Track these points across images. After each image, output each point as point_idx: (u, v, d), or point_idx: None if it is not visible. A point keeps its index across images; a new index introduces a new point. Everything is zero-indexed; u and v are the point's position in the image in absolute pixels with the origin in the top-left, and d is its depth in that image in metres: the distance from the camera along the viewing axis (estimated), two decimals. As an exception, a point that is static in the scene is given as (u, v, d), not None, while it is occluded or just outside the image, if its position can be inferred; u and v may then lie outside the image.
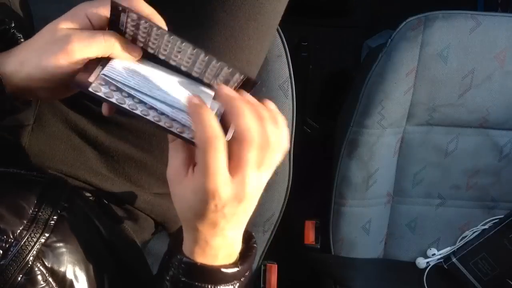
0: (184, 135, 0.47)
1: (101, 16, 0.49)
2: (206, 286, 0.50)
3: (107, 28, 0.50)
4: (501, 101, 0.96)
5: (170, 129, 0.47)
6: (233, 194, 0.45)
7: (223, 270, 0.50)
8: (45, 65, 0.48)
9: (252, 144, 0.45)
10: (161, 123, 0.47)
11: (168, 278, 0.52)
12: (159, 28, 0.48)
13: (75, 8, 0.49)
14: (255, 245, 0.55)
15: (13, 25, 0.54)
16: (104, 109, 0.51)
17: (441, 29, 0.91)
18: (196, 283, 0.50)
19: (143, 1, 0.49)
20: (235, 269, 0.51)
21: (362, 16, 1.53)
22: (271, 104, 0.50)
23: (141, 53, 0.51)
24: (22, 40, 0.53)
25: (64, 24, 0.49)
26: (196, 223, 0.48)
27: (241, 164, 0.45)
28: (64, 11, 0.78)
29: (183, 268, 0.50)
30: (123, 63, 0.50)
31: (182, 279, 0.50)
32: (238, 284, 0.52)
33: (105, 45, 0.48)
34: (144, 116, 0.47)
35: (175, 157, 0.48)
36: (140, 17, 0.47)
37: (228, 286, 0.51)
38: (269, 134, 0.45)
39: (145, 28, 0.48)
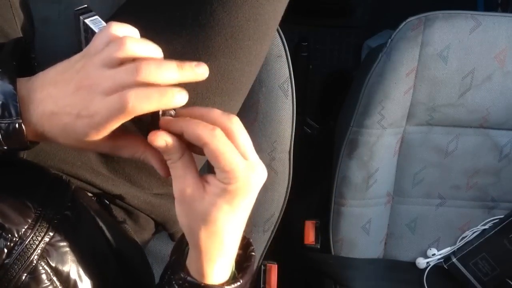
0: None
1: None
2: None
3: None
4: (501, 101, 0.96)
5: None
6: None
7: (226, 287, 0.50)
8: (73, 143, 0.46)
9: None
10: None
11: None
12: None
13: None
14: (253, 253, 0.54)
15: (33, 56, 0.54)
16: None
17: (441, 29, 0.91)
18: None
19: None
20: (237, 284, 0.51)
21: (362, 16, 1.53)
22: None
23: None
24: (33, 55, 0.52)
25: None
26: (210, 237, 0.47)
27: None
28: (64, 11, 0.78)
29: (187, 287, 0.50)
30: None
31: None
32: None
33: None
34: None
35: (188, 176, 0.46)
36: None
37: None
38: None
39: None
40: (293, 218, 0.99)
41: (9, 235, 0.50)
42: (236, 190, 0.45)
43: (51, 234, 0.52)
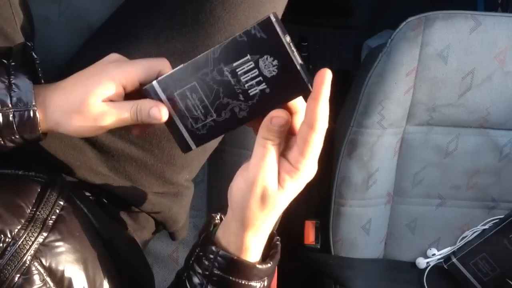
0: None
1: (134, 82, 0.51)
2: (240, 282, 0.50)
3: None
4: (501, 101, 0.96)
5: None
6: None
7: (258, 266, 0.51)
8: (79, 134, 0.52)
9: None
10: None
11: (199, 271, 0.52)
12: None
13: (108, 77, 0.50)
14: (278, 242, 0.56)
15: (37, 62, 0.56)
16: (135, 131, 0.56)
17: (441, 29, 0.91)
18: (231, 278, 0.50)
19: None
20: (268, 265, 0.52)
21: (362, 16, 1.53)
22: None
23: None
24: (37, 62, 0.54)
25: (100, 97, 0.50)
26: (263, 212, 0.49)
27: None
28: (64, 11, 0.78)
29: (219, 261, 0.50)
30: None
31: (217, 272, 0.51)
32: (267, 280, 0.53)
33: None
34: None
35: (272, 161, 0.48)
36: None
37: (259, 282, 0.52)
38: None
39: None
40: (293, 218, 0.99)
41: (2, 236, 0.50)
42: (306, 176, 0.49)
43: (45, 234, 0.52)
